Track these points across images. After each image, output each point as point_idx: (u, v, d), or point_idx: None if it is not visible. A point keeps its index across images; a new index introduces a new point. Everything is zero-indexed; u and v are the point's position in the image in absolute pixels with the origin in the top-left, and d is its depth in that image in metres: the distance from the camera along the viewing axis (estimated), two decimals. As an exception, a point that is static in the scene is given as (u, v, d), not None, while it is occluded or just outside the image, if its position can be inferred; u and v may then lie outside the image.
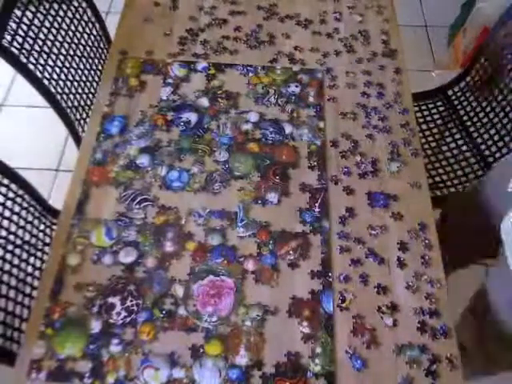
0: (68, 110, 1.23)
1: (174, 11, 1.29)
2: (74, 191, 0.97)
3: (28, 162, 1.66)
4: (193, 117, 1.09)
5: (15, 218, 0.99)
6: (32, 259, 1.03)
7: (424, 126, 1.51)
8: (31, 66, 1.13)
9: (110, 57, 1.21)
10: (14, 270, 0.97)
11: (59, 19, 1.22)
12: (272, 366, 0.80)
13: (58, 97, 1.21)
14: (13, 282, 0.95)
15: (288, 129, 1.08)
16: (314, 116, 1.10)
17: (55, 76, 1.21)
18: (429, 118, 1.53)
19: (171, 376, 0.78)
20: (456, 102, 1.52)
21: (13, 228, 0.98)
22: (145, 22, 1.26)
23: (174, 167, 1.01)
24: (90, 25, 1.33)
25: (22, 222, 1.01)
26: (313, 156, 1.04)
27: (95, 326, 0.82)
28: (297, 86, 1.15)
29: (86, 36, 1.31)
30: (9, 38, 1.06)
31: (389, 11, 1.33)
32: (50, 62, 1.20)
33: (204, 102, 1.12)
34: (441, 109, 1.54)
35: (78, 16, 1.28)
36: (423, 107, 1.55)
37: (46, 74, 1.17)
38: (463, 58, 2.06)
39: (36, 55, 1.15)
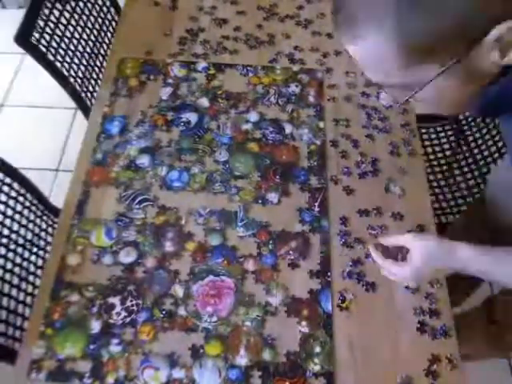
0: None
1: (173, 11, 1.29)
2: (73, 191, 0.97)
3: (28, 162, 1.65)
4: (193, 117, 1.09)
5: (17, 216, 0.99)
6: (34, 258, 1.03)
7: (429, 150, 1.41)
8: (58, 64, 1.16)
9: (110, 57, 1.21)
10: (16, 269, 0.97)
11: (84, 17, 1.26)
12: (272, 365, 0.80)
13: (83, 95, 1.24)
14: (15, 281, 0.96)
15: (288, 129, 1.08)
16: (314, 116, 1.10)
17: (80, 74, 1.24)
18: (436, 142, 1.43)
19: (171, 376, 0.78)
20: (466, 127, 1.40)
21: (15, 227, 0.98)
22: (145, 22, 1.26)
23: (174, 167, 1.01)
24: (114, 23, 1.37)
25: (24, 221, 1.01)
26: (313, 156, 1.04)
27: (95, 326, 0.82)
28: (297, 86, 1.15)
29: (109, 35, 1.35)
30: (37, 35, 1.09)
31: (389, 11, 1.33)
32: (76, 61, 1.23)
33: (204, 102, 1.12)
34: (449, 133, 1.43)
35: (102, 15, 1.32)
36: (431, 130, 1.45)
37: (72, 72, 1.21)
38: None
39: (62, 53, 1.19)
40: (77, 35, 1.24)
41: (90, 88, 1.28)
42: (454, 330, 0.84)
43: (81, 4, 1.24)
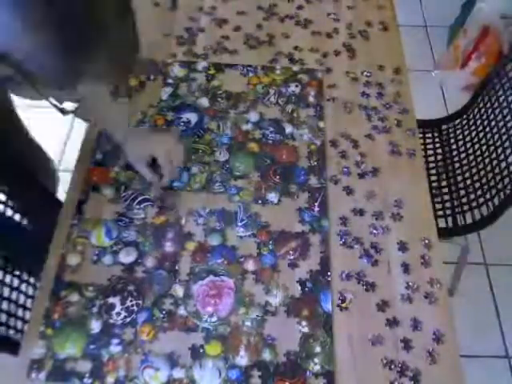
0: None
1: (173, 11, 1.29)
2: (73, 191, 0.97)
3: (28, 162, 1.65)
4: (193, 117, 1.09)
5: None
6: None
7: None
8: None
9: (109, 57, 1.21)
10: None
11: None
12: (272, 365, 0.80)
13: None
14: (15, 283, 0.96)
15: (288, 129, 1.08)
16: (314, 116, 1.10)
17: None
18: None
19: (171, 376, 0.78)
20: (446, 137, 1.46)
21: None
22: (145, 22, 1.26)
23: (174, 167, 1.01)
24: None
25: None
26: (313, 156, 1.04)
27: (95, 326, 0.82)
28: (297, 86, 1.15)
29: None
30: None
31: (389, 11, 1.33)
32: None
33: (204, 102, 1.12)
34: (428, 140, 1.48)
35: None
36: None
37: None
38: (463, 58, 2.06)
39: None
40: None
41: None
42: (453, 330, 0.84)
43: None
